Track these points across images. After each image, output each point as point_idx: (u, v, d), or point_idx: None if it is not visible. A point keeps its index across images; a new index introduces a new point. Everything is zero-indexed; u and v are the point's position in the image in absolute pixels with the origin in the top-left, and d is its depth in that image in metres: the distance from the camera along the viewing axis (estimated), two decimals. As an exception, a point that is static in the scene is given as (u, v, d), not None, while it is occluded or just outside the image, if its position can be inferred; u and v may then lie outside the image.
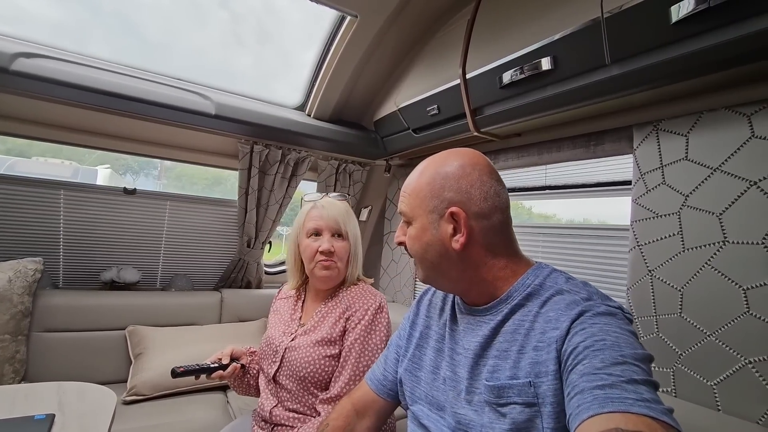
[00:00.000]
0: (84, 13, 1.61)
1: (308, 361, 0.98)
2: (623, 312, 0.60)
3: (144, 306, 1.73)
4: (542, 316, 0.62)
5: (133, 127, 1.63)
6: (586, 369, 0.51)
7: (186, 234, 1.97)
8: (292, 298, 1.16)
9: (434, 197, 0.68)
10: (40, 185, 1.63)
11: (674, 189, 0.96)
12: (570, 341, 0.56)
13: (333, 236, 1.07)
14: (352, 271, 1.10)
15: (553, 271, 0.69)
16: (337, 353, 0.99)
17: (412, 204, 0.72)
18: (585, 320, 0.57)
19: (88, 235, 1.75)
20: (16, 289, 1.41)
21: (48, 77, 1.29)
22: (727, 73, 0.83)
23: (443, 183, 0.68)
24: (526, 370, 0.59)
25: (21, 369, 1.41)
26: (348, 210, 1.12)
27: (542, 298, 0.64)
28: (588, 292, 0.62)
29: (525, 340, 0.62)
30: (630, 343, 0.53)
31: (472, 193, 0.67)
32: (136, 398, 1.46)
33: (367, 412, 0.85)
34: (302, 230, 1.09)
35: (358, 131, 1.91)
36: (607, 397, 0.46)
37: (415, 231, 0.71)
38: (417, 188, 0.71)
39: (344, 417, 0.85)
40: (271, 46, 1.92)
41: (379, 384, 0.86)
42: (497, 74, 1.16)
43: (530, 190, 1.51)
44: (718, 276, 0.86)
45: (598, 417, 0.45)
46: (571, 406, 0.50)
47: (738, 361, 0.82)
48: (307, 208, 1.11)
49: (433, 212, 0.68)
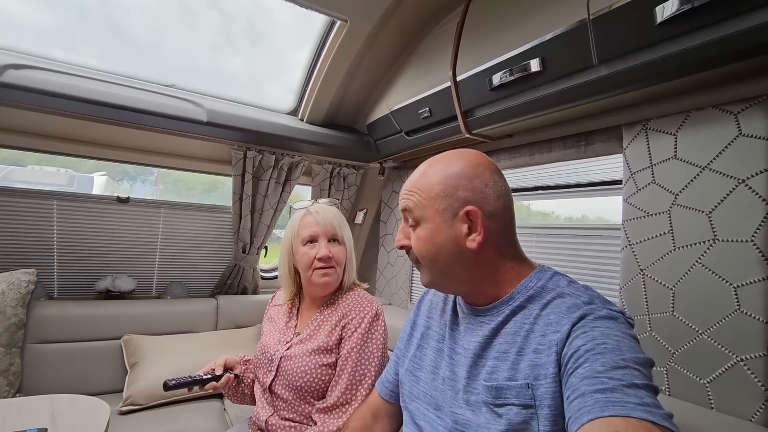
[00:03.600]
0: (71, 17, 1.61)
1: (304, 371, 0.97)
2: (625, 316, 0.60)
3: (139, 315, 1.72)
4: (543, 319, 0.62)
5: (126, 135, 1.62)
6: (587, 372, 0.51)
7: (181, 241, 1.96)
8: (286, 306, 1.15)
9: (447, 196, 0.67)
10: (33, 196, 1.63)
11: (664, 188, 0.97)
12: (571, 344, 0.56)
13: (329, 242, 1.05)
14: (349, 276, 1.10)
15: (555, 274, 0.69)
16: (333, 362, 0.98)
17: (421, 204, 0.69)
18: (586, 324, 0.57)
19: (82, 244, 1.75)
20: (9, 301, 1.40)
21: (38, 88, 1.28)
22: (713, 72, 0.83)
23: (457, 182, 0.67)
24: (525, 372, 0.59)
25: (16, 381, 1.40)
26: (340, 214, 1.11)
27: (543, 300, 0.64)
28: (589, 295, 0.63)
29: (525, 342, 0.62)
30: (631, 347, 0.53)
31: (486, 192, 0.67)
32: (132, 408, 1.45)
33: (380, 415, 0.88)
34: (296, 238, 1.06)
35: (352, 135, 1.91)
36: (608, 400, 0.46)
37: (426, 232, 0.69)
38: (427, 187, 0.69)
39: (361, 419, 0.89)
40: (263, 47, 1.92)
41: (385, 388, 0.88)
42: (487, 76, 1.17)
43: (523, 190, 1.52)
44: (708, 274, 0.87)
45: (598, 421, 0.45)
46: (571, 409, 0.50)
47: (730, 358, 0.82)
48: (299, 215, 1.09)
49: (445, 212, 0.67)
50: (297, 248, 1.06)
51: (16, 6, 1.50)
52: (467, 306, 0.74)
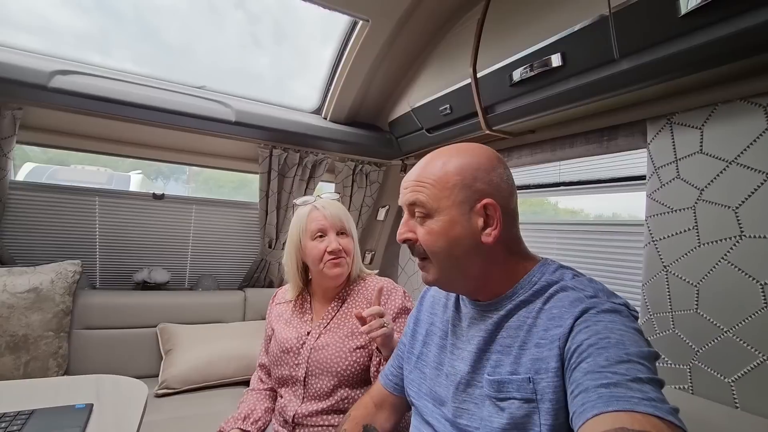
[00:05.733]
0: (107, 21, 1.72)
1: (341, 356, 1.01)
2: (628, 309, 0.59)
3: (173, 305, 1.82)
4: (545, 313, 0.61)
5: (159, 135, 1.72)
6: (591, 367, 0.50)
7: (211, 236, 2.06)
8: (295, 302, 1.17)
9: (465, 187, 0.65)
10: (78, 192, 1.75)
11: (689, 183, 0.94)
12: (574, 339, 0.55)
13: (338, 235, 1.09)
14: (356, 266, 1.14)
15: (559, 267, 0.68)
16: (365, 344, 1.02)
17: (435, 195, 0.66)
18: (589, 318, 0.56)
19: (121, 238, 1.86)
20: (57, 289, 1.52)
21: (82, 92, 1.38)
22: (741, 64, 0.81)
23: (475, 174, 0.65)
24: (527, 366, 0.59)
25: (63, 363, 1.52)
26: (344, 208, 1.15)
27: (546, 294, 0.63)
28: (594, 289, 0.61)
29: (527, 336, 0.62)
30: (635, 341, 0.52)
31: (501, 187, 0.67)
32: (167, 392, 1.54)
33: (383, 405, 0.89)
34: (305, 233, 1.08)
35: (374, 132, 1.94)
36: (612, 395, 0.46)
37: (440, 225, 0.66)
38: (443, 178, 0.66)
39: (363, 407, 0.89)
40: (288, 46, 1.96)
41: (387, 380, 0.89)
42: (507, 72, 1.17)
43: (544, 186, 1.51)
44: (735, 271, 0.84)
45: (603, 416, 0.45)
46: (575, 404, 0.50)
47: (756, 357, 0.80)
48: (305, 210, 1.11)
49: (463, 204, 0.65)
50: (306, 243, 1.08)
51: (56, 12, 1.61)
52: (470, 301, 0.73)
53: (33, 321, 1.44)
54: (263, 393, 1.16)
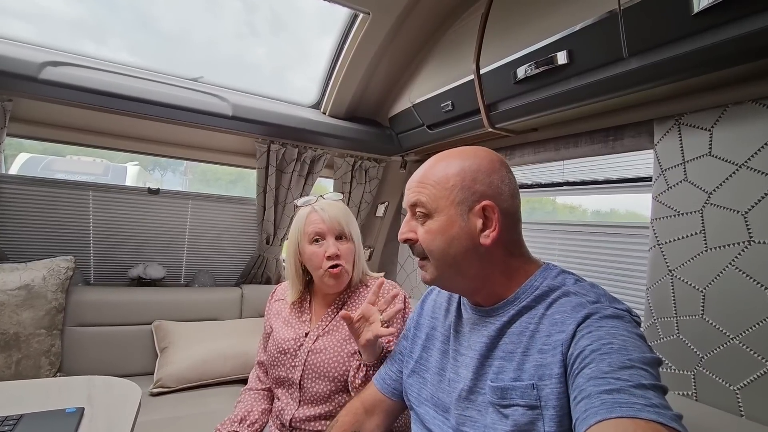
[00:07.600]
0: (101, 9, 1.68)
1: (338, 360, 0.98)
2: (631, 315, 0.59)
3: (169, 301, 1.80)
4: (548, 319, 0.61)
5: (155, 129, 1.68)
6: (593, 373, 0.50)
7: (208, 231, 2.03)
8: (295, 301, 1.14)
9: (464, 189, 0.66)
10: (71, 187, 1.71)
11: (697, 186, 0.92)
12: (576, 345, 0.55)
13: (336, 239, 1.05)
14: (358, 270, 1.10)
15: (561, 272, 0.68)
16: None
17: (435, 195, 0.68)
18: (591, 323, 0.56)
19: (115, 233, 1.83)
20: (50, 286, 1.49)
21: (73, 84, 1.34)
22: (753, 65, 0.78)
23: (475, 176, 0.67)
24: (530, 373, 0.59)
25: (56, 361, 1.49)
26: (347, 209, 1.10)
27: (549, 300, 0.63)
28: (596, 294, 0.61)
29: (530, 342, 0.61)
30: (638, 347, 0.52)
31: (502, 189, 0.67)
32: (162, 390, 1.52)
33: (375, 410, 0.86)
34: (303, 236, 1.05)
35: (373, 128, 1.91)
36: (615, 402, 0.46)
37: (439, 224, 0.67)
38: (443, 179, 0.68)
39: (353, 414, 0.87)
40: (286, 36, 1.92)
41: (384, 383, 0.87)
42: (511, 69, 1.14)
43: (547, 186, 1.48)
44: (742, 277, 0.83)
45: (606, 422, 0.45)
46: (578, 410, 0.49)
47: (763, 365, 0.79)
48: (304, 212, 1.08)
49: (461, 204, 0.66)
50: (304, 247, 1.05)
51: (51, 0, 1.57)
52: (472, 307, 0.73)
53: (24, 318, 1.41)
54: (260, 393, 1.14)
